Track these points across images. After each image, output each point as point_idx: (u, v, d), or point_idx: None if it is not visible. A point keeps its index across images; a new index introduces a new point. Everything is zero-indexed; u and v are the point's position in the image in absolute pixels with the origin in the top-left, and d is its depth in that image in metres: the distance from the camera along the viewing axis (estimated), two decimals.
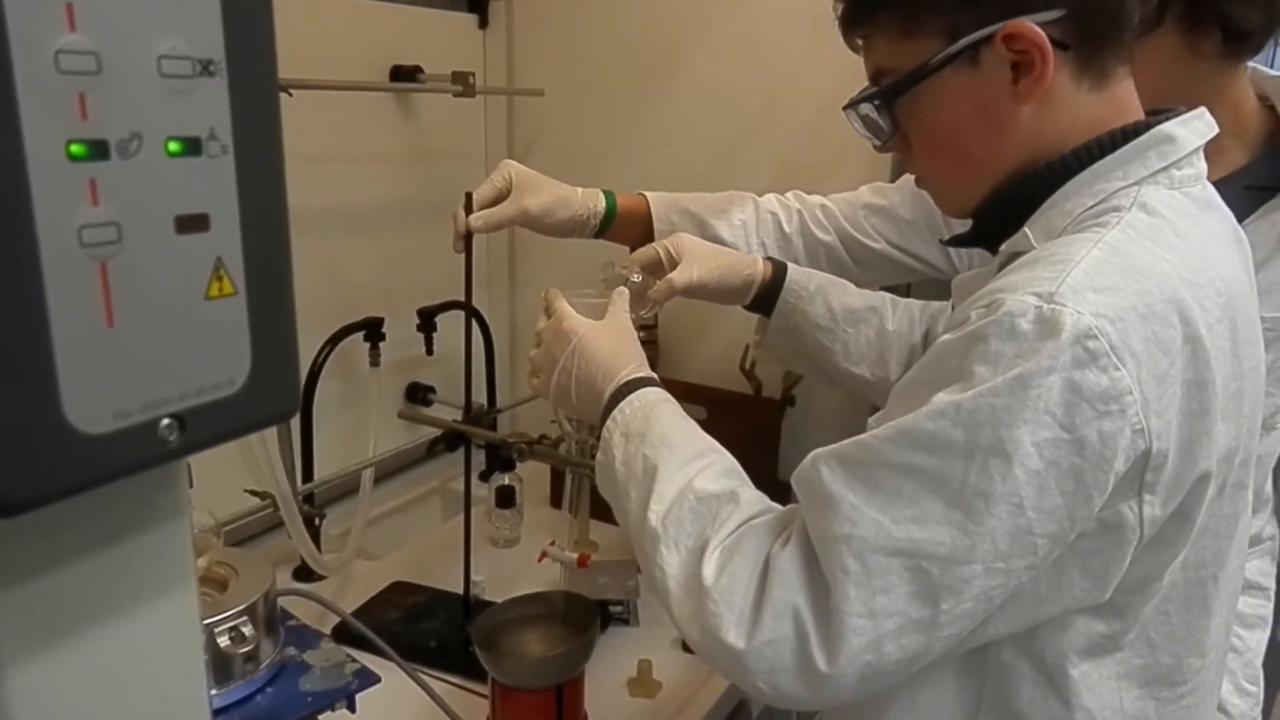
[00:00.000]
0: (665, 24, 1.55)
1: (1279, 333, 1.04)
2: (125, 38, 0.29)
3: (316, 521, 1.36)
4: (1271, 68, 1.05)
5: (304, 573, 1.38)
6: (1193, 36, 0.94)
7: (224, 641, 0.88)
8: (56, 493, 0.30)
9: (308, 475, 1.41)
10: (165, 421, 0.32)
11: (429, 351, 1.57)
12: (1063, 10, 0.67)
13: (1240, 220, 1.01)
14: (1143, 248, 0.64)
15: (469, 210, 1.07)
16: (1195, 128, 0.72)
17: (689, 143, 1.56)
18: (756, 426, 1.52)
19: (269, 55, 0.33)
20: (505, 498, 1.52)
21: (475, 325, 1.65)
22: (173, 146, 0.31)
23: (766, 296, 1.06)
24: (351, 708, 0.92)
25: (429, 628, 1.26)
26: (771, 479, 1.47)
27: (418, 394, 1.66)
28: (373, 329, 1.48)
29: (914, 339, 1.06)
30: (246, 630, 0.90)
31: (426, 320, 1.56)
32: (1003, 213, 0.74)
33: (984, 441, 0.59)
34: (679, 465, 0.76)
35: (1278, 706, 1.30)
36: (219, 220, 0.33)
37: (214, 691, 0.88)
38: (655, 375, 0.86)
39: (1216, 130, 0.74)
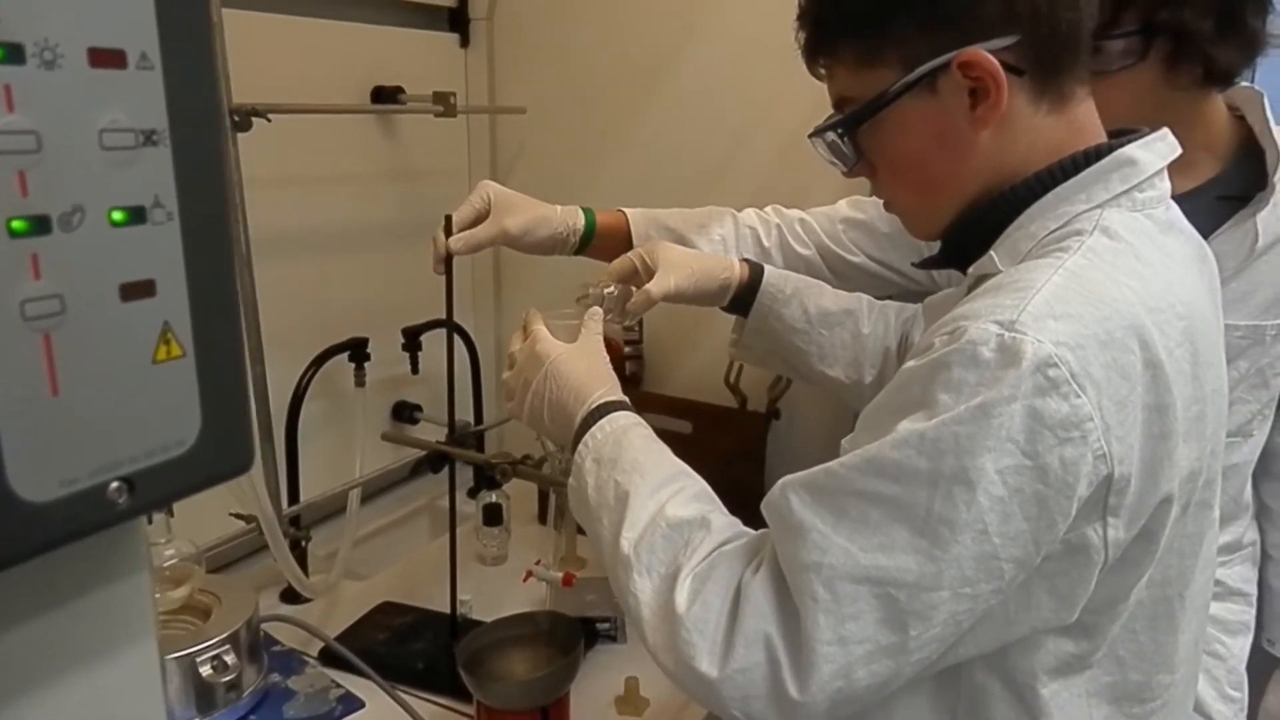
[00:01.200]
0: (646, 42, 1.56)
1: (1253, 340, 1.05)
2: (66, 115, 0.29)
3: (303, 543, 1.36)
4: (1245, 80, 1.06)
5: (292, 594, 1.38)
6: (1174, 73, 0.94)
7: (206, 671, 0.88)
8: (3, 563, 0.30)
9: (294, 497, 1.41)
10: (114, 485, 0.33)
11: (414, 370, 1.58)
12: (1016, 37, 0.68)
13: (1213, 230, 1.02)
14: (1103, 273, 0.64)
15: (449, 232, 1.08)
16: (1157, 149, 0.72)
17: (669, 159, 1.57)
18: (741, 440, 1.53)
19: (215, 122, 0.34)
20: (492, 515, 1.52)
21: (461, 343, 1.66)
22: (116, 216, 0.31)
23: (743, 298, 1.06)
24: None
25: (416, 648, 1.27)
26: (757, 493, 1.46)
27: (404, 412, 1.66)
28: (357, 349, 1.48)
29: (889, 343, 1.06)
30: (229, 659, 0.90)
31: (411, 339, 1.56)
32: (969, 236, 0.74)
33: (948, 470, 0.60)
34: (650, 491, 0.76)
35: (1262, 713, 1.30)
36: (165, 285, 0.33)
37: None
38: (626, 399, 0.86)
39: (1179, 151, 0.74)
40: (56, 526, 0.31)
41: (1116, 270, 0.65)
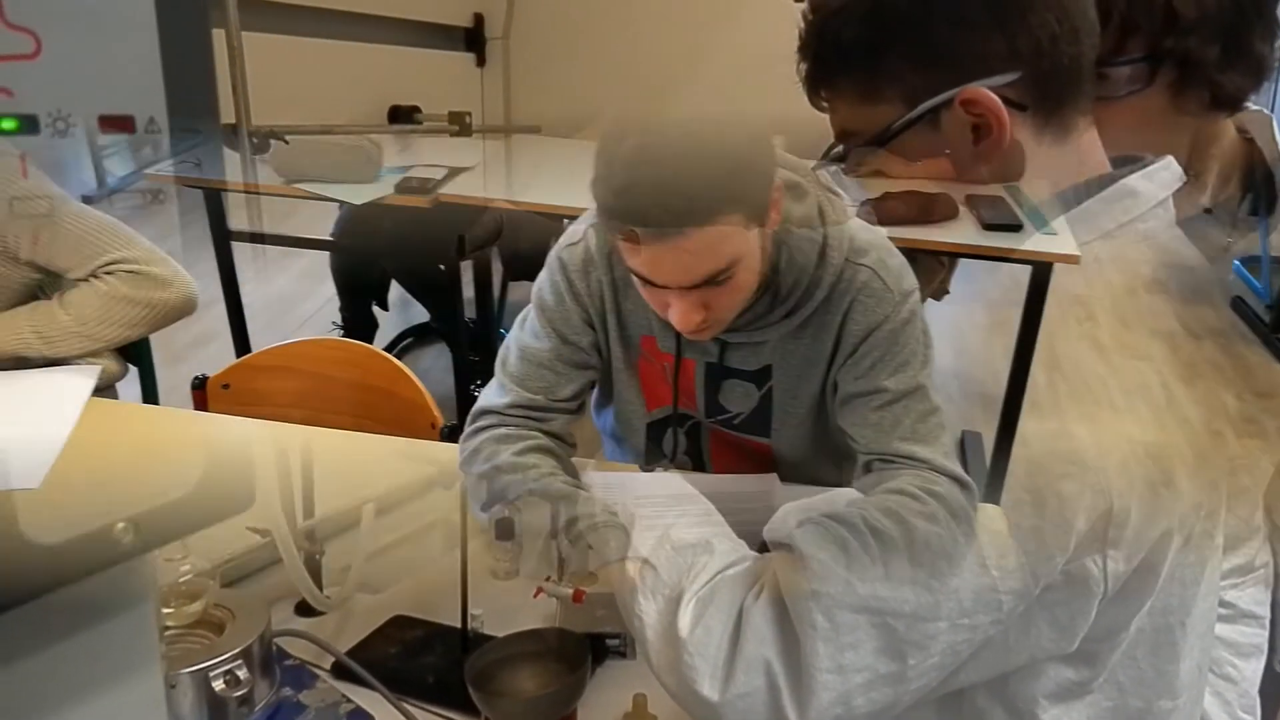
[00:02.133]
0: (658, 59, 1.57)
1: None
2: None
3: (317, 557, 1.38)
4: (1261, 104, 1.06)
5: (306, 607, 1.39)
6: (1182, 98, 0.94)
7: (219, 686, 0.89)
8: (16, 601, 0.32)
9: (309, 511, 1.43)
10: (119, 526, 0.34)
11: None
12: (1018, 73, 0.68)
13: (1222, 252, 1.02)
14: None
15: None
16: (1160, 179, 0.73)
17: None
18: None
19: (218, 178, 0.35)
20: (505, 530, 1.53)
21: (476, 359, 1.68)
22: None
23: None
24: None
25: (427, 663, 1.27)
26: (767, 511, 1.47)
27: None
28: None
29: None
30: (241, 673, 0.91)
31: None
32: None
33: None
34: (656, 514, 0.77)
35: None
36: None
37: None
38: None
39: (1183, 180, 0.75)
40: (65, 566, 0.33)
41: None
